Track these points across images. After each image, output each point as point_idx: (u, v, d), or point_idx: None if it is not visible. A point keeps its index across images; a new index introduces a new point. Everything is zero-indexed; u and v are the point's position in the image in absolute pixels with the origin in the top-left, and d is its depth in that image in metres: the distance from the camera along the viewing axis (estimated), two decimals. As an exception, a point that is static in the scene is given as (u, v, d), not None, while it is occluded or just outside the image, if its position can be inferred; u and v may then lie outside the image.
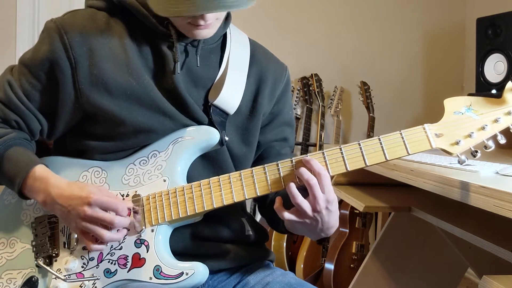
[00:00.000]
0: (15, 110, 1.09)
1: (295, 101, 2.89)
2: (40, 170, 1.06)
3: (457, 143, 1.00)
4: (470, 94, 2.37)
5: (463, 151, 1.01)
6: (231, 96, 1.12)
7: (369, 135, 2.85)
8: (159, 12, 1.00)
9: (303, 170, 0.98)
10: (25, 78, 1.09)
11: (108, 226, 1.02)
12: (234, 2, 0.95)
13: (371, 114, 2.88)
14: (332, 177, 1.00)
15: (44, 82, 1.08)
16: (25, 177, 1.04)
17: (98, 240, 1.03)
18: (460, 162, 1.02)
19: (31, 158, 1.08)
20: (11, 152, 1.06)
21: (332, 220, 1.02)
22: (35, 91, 1.09)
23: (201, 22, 1.02)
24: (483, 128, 1.00)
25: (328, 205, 0.98)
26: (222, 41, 1.18)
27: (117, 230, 1.03)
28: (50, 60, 1.07)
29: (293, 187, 0.98)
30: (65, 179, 1.06)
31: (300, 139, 2.89)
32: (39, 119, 1.11)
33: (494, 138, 1.01)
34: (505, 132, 1.01)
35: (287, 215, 1.00)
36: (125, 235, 1.05)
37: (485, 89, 2.38)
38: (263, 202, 1.22)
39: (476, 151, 1.00)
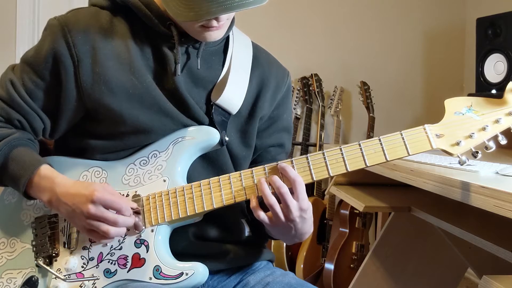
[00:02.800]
0: (18, 109, 1.09)
1: (295, 101, 2.89)
2: (45, 169, 1.06)
3: (457, 143, 1.00)
4: (470, 94, 2.37)
5: (463, 151, 1.01)
6: (233, 95, 1.12)
7: (369, 135, 2.85)
8: (177, 17, 0.99)
9: (275, 178, 0.98)
10: (27, 77, 1.08)
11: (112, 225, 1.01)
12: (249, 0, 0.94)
13: (371, 114, 2.88)
14: (332, 177, 1.00)
15: (47, 80, 1.08)
16: (31, 176, 1.04)
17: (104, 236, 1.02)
18: (461, 163, 1.02)
19: (36, 158, 1.08)
20: (15, 153, 1.06)
21: (306, 226, 1.02)
22: (38, 89, 1.08)
23: (214, 24, 1.01)
24: (484, 129, 1.00)
25: (302, 213, 0.99)
26: (224, 43, 1.17)
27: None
28: (53, 58, 1.07)
29: (265, 187, 0.98)
30: None
31: (300, 139, 2.89)
32: (42, 118, 1.10)
33: (495, 138, 1.01)
34: (506, 132, 1.01)
35: (262, 216, 0.99)
36: (125, 235, 1.05)
37: (485, 89, 2.38)
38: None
39: (477, 152, 1.00)
